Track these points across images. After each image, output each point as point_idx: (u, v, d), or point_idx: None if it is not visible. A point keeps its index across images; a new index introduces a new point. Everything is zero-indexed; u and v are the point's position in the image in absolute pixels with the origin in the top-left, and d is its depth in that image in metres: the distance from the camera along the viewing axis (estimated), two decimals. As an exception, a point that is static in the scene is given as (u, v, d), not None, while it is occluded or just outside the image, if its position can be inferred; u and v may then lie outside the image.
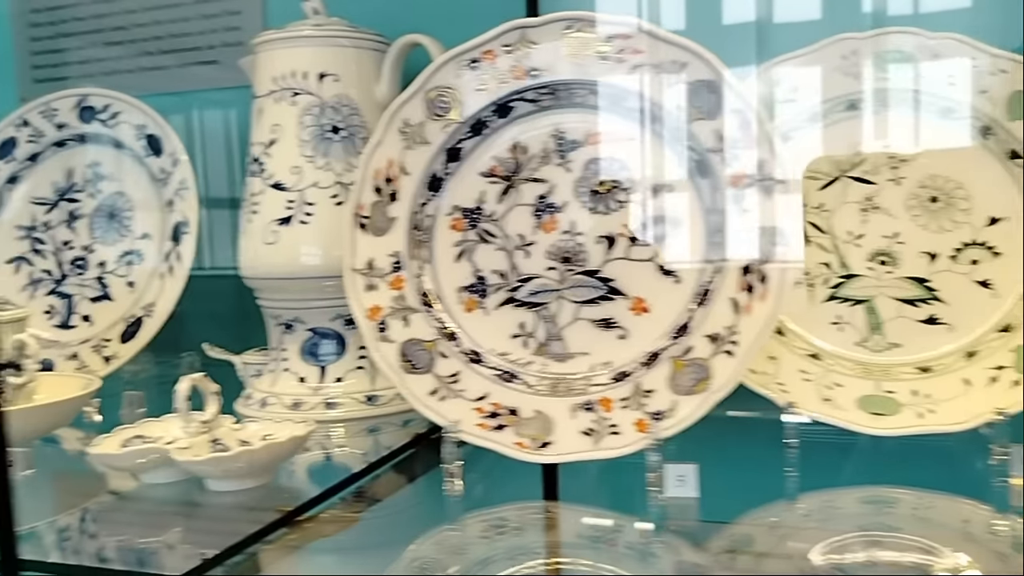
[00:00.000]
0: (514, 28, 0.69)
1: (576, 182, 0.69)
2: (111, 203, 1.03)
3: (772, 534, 0.63)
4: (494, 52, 0.69)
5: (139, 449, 0.64)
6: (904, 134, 0.75)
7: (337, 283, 0.85)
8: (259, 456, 0.62)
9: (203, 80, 1.15)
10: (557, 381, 0.66)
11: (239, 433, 0.68)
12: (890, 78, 0.76)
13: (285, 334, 0.88)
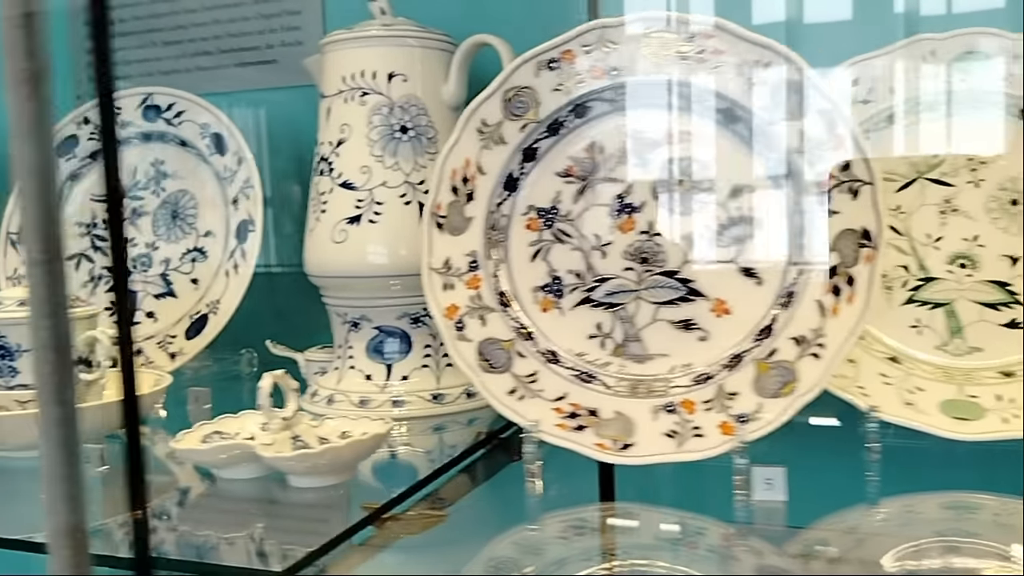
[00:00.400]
0: (594, 28, 0.68)
1: (654, 182, 0.69)
2: (174, 201, 1.04)
3: (848, 539, 0.62)
4: (573, 52, 0.69)
5: (223, 445, 0.64)
6: (983, 136, 0.75)
7: (404, 282, 0.85)
8: (344, 453, 0.62)
9: (261, 80, 1.15)
10: (637, 382, 0.66)
11: (317, 430, 0.69)
12: (969, 79, 0.75)
13: (351, 332, 0.89)
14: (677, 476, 0.63)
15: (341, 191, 0.86)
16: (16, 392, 0.75)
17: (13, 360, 0.74)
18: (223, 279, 0.97)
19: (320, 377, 0.93)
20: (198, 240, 1.02)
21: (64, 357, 0.37)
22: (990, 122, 0.74)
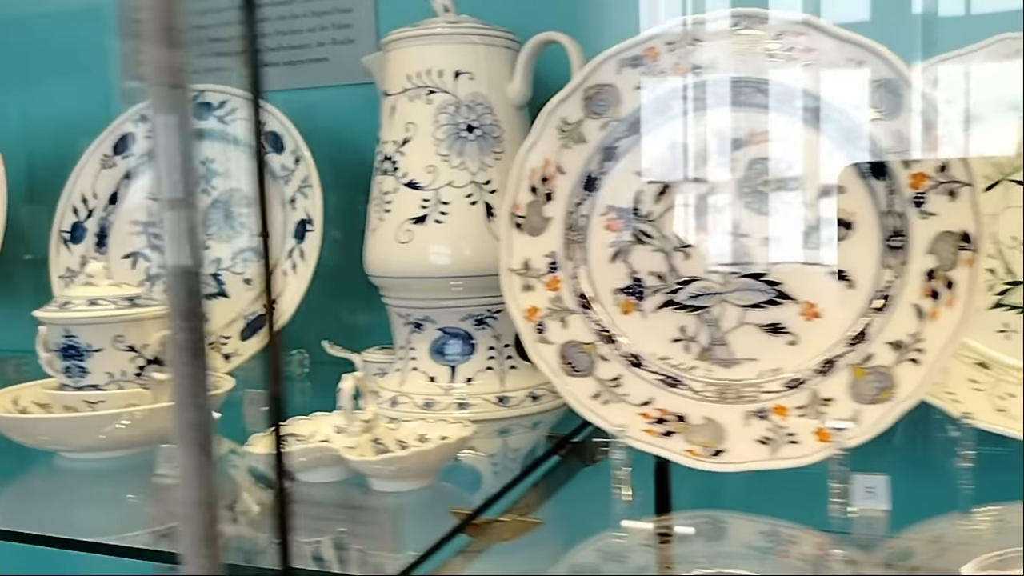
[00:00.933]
0: (679, 25, 0.67)
1: (739, 182, 0.68)
2: (226, 200, 1.03)
3: (932, 548, 0.61)
4: (657, 49, 0.68)
5: (305, 448, 0.63)
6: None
7: (468, 283, 0.84)
8: (431, 457, 0.61)
9: (311, 78, 1.14)
10: (725, 387, 0.65)
11: (395, 433, 0.68)
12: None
13: (414, 333, 0.88)
14: (778, 483, 0.62)
15: (406, 191, 0.85)
16: (85, 393, 0.74)
17: (83, 360, 0.73)
18: (280, 279, 0.96)
19: (380, 378, 0.92)
20: (250, 239, 1.01)
21: (200, 360, 0.36)
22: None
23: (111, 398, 0.74)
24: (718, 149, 0.68)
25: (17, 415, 0.75)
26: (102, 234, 1.05)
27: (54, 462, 0.77)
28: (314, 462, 0.64)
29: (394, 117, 0.87)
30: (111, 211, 1.05)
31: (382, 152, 0.88)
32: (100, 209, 1.05)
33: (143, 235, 1.05)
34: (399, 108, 0.86)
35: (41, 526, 0.66)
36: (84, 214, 1.05)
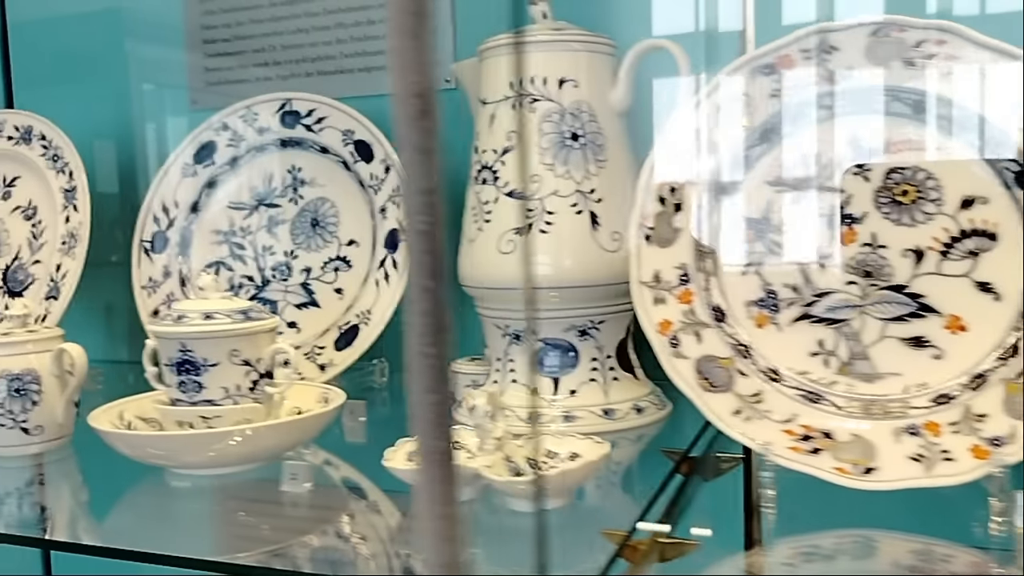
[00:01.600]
0: (814, 33, 0.66)
1: (875, 192, 0.66)
2: (313, 209, 1.02)
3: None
4: (791, 57, 0.66)
5: (444, 467, 0.62)
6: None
7: (572, 293, 0.83)
8: (575, 475, 0.60)
9: (385, 85, 1.13)
10: (869, 403, 0.63)
11: (524, 451, 0.66)
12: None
13: (513, 344, 0.86)
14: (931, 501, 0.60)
15: (507, 200, 0.84)
16: (201, 408, 0.73)
17: (199, 375, 0.72)
18: (373, 289, 0.95)
19: (474, 390, 0.91)
20: (340, 249, 1.00)
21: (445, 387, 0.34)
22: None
23: (227, 413, 0.73)
24: (853, 158, 0.67)
25: (139, 432, 0.74)
26: (184, 243, 1.04)
27: (164, 478, 0.76)
28: (450, 480, 0.63)
29: (494, 125, 0.85)
30: (192, 220, 1.04)
31: (480, 161, 0.87)
32: (182, 218, 1.04)
33: (225, 244, 1.04)
34: (499, 116, 0.85)
35: (153, 543, 0.65)
36: (165, 223, 1.04)
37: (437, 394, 0.34)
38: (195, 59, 1.23)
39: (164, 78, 1.26)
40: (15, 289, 1.01)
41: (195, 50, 1.23)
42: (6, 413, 0.79)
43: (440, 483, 0.35)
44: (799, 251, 0.67)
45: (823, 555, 0.62)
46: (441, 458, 0.35)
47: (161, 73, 1.27)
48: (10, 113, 1.06)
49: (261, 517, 0.72)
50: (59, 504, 0.78)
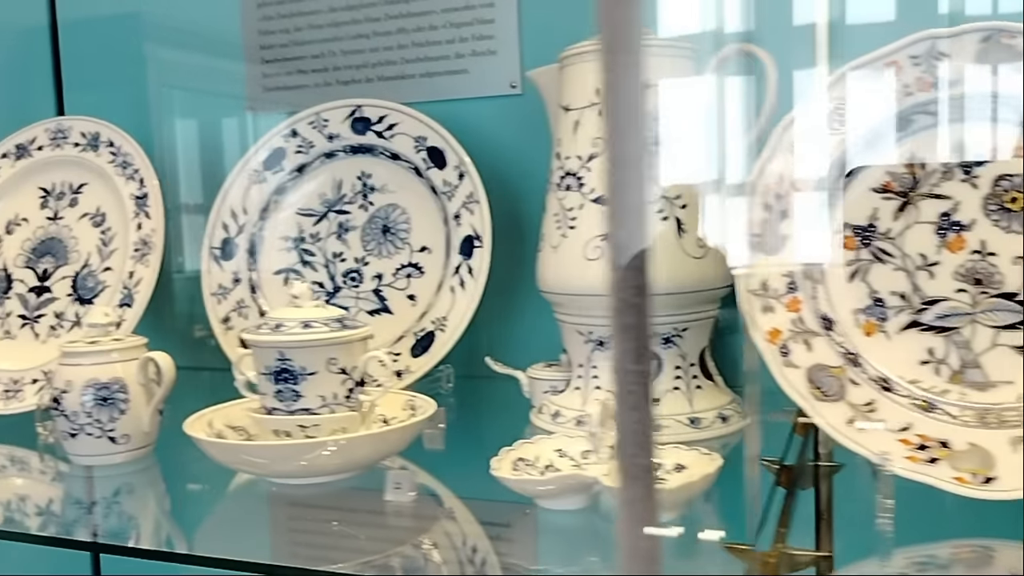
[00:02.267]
0: (924, 39, 0.65)
1: (984, 199, 0.66)
2: (384, 215, 1.02)
3: None
4: (899, 63, 0.66)
5: (559, 476, 0.62)
6: None
7: (658, 300, 0.82)
8: (697, 486, 0.59)
9: (447, 90, 1.13)
10: (984, 411, 0.63)
11: (632, 460, 0.66)
12: None
13: (596, 351, 0.86)
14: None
15: (594, 207, 0.83)
16: (298, 417, 0.72)
17: (296, 384, 0.72)
18: (448, 296, 0.95)
19: (554, 396, 0.91)
20: (412, 255, 1.00)
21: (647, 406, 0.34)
22: None
23: (325, 422, 0.73)
24: (960, 164, 0.66)
25: (241, 442, 0.74)
26: (252, 250, 1.04)
27: (259, 487, 0.76)
28: (562, 489, 0.62)
29: (578, 132, 0.85)
30: (261, 227, 1.04)
31: (563, 167, 0.86)
32: (251, 225, 1.04)
33: (294, 251, 1.04)
34: (584, 123, 0.85)
35: (248, 552, 0.65)
36: (235, 230, 1.04)
37: (640, 412, 0.34)
38: (252, 65, 1.23)
39: (220, 84, 1.26)
40: (85, 296, 1.01)
41: (252, 56, 1.23)
42: (93, 422, 0.79)
43: (643, 501, 0.34)
44: (906, 258, 0.67)
45: (938, 564, 0.62)
46: (644, 476, 0.35)
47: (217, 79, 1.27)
48: (76, 120, 1.06)
49: (359, 527, 0.72)
50: (146, 512, 0.78)
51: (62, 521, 0.76)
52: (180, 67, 1.28)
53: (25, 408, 0.95)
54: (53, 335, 1.01)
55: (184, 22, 1.26)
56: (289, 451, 0.71)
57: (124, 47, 1.29)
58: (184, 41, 1.26)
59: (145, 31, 1.28)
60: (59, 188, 1.06)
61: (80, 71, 1.31)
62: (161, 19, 1.27)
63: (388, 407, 0.80)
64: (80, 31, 1.31)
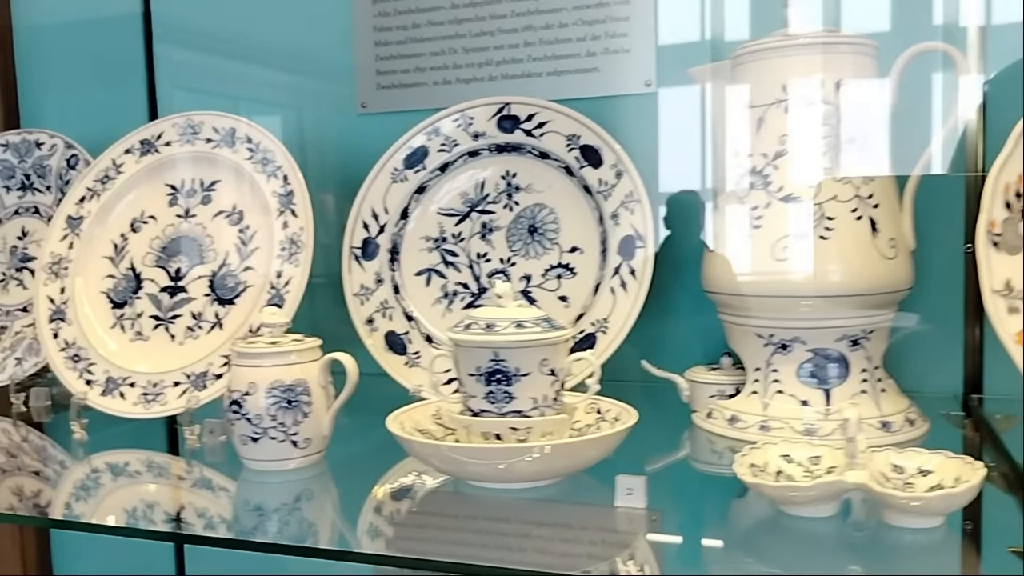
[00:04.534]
0: None
1: None
2: (530, 215, 0.99)
3: None
4: None
5: (822, 482, 0.60)
6: None
7: (851, 301, 0.81)
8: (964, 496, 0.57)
9: (576, 89, 1.11)
10: None
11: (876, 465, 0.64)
12: None
13: (777, 354, 0.84)
14: None
15: (782, 205, 0.81)
16: (510, 419, 0.70)
17: (510, 385, 0.69)
18: (607, 297, 0.93)
19: (722, 400, 0.89)
20: (562, 256, 0.97)
21: None
22: None
23: (537, 425, 0.70)
24: None
25: (463, 445, 0.71)
26: (394, 250, 1.01)
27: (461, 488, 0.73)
28: (823, 495, 0.60)
29: (762, 129, 0.83)
30: (402, 226, 1.01)
31: (743, 165, 0.84)
32: (392, 224, 1.01)
33: (436, 251, 1.01)
34: (770, 120, 0.83)
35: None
36: (375, 230, 1.01)
37: None
38: (365, 61, 1.20)
39: (331, 81, 1.23)
40: (225, 297, 0.97)
41: (366, 52, 1.20)
42: (277, 425, 0.76)
43: None
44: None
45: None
46: None
47: (328, 75, 1.23)
48: (208, 115, 1.03)
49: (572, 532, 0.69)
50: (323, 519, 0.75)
51: (239, 528, 0.73)
52: (291, 61, 1.25)
53: (168, 412, 0.92)
54: (191, 336, 0.97)
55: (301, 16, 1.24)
56: (503, 455, 0.68)
57: (221, 47, 1.27)
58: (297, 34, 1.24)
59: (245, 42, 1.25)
60: (189, 185, 1.03)
61: (173, 72, 1.28)
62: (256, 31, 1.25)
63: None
64: (174, 28, 1.28)
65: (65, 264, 1.03)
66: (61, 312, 1.01)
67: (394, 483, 0.78)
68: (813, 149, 0.81)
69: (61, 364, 0.99)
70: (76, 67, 1.36)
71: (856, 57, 0.83)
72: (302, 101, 1.25)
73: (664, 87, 1.07)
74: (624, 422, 0.73)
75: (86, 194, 1.05)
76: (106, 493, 0.81)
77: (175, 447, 0.92)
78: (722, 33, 1.05)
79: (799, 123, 0.81)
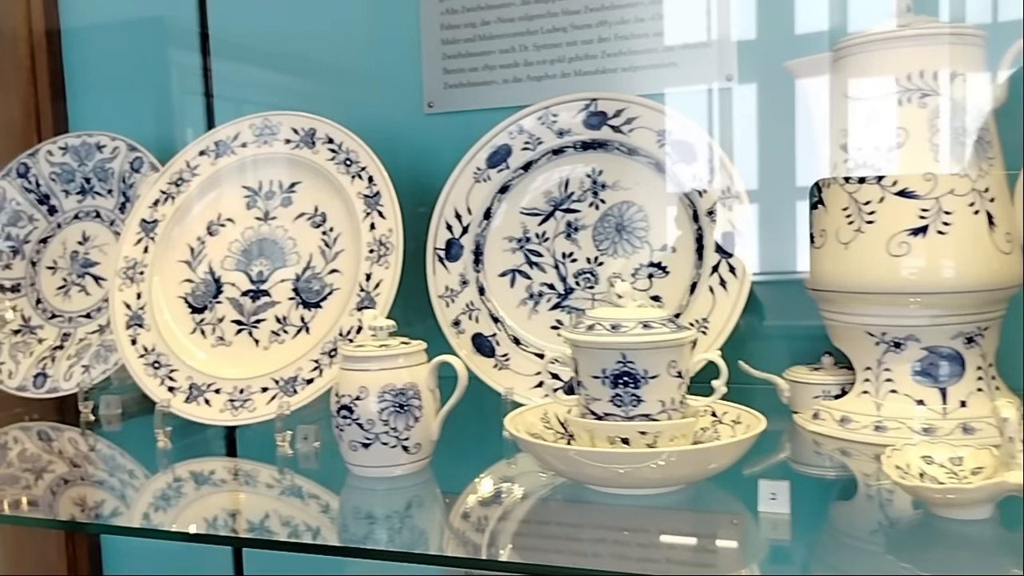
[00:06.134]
0: None
1: None
2: (618, 213, 0.97)
3: None
4: None
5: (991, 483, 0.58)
6: None
7: (968, 298, 0.78)
8: None
9: (653, 84, 1.09)
10: None
11: None
12: None
13: (889, 352, 0.82)
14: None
15: (897, 200, 0.79)
16: (638, 423, 0.68)
17: (637, 388, 0.67)
18: (706, 296, 0.91)
19: (827, 401, 0.87)
20: (653, 254, 0.95)
21: None
22: None
23: (666, 429, 0.68)
24: None
25: (603, 450, 0.69)
26: (478, 251, 0.99)
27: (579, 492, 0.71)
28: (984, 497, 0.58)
29: (873, 122, 0.81)
30: (485, 227, 0.99)
31: (853, 159, 0.83)
32: (475, 225, 0.99)
33: (520, 252, 0.99)
34: (881, 112, 0.81)
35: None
36: (459, 231, 0.99)
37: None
38: (432, 61, 1.18)
39: (397, 81, 1.21)
40: (310, 300, 0.95)
41: (433, 51, 1.18)
42: (389, 431, 0.74)
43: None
44: None
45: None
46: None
47: (394, 75, 1.21)
48: (286, 115, 1.01)
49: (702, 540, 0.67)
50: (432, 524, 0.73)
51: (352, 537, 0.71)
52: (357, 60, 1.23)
53: (256, 419, 0.90)
54: (276, 341, 0.95)
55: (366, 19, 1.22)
56: (633, 459, 0.66)
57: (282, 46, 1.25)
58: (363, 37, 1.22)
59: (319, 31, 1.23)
60: (267, 187, 1.01)
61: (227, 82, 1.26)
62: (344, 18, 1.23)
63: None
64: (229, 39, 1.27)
65: (140, 268, 1.01)
66: (139, 318, 0.99)
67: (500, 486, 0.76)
68: (929, 142, 0.79)
69: (141, 371, 0.97)
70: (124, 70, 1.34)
71: (966, 48, 0.81)
72: (368, 102, 1.23)
73: (745, 82, 1.05)
74: (750, 426, 0.71)
75: (160, 197, 1.04)
76: (189, 502, 0.80)
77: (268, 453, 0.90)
78: (805, 25, 1.04)
79: (913, 116, 0.79)
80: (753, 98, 1.06)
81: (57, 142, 1.22)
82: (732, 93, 1.05)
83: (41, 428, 1.07)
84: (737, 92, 1.05)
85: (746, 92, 1.06)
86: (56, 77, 1.37)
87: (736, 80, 1.05)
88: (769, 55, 1.01)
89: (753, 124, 1.05)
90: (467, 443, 0.88)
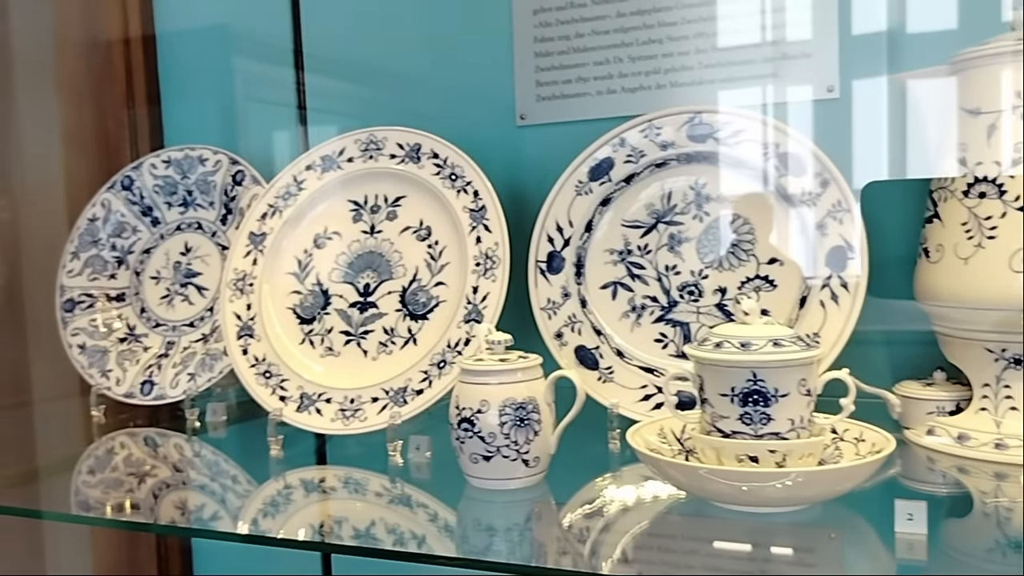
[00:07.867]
0: None
1: None
2: (722, 226, 0.97)
3: None
4: None
5: None
6: None
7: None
8: None
9: (751, 96, 1.08)
10: None
11: None
12: None
13: (1010, 369, 0.81)
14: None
15: (1019, 215, 0.78)
16: (767, 442, 0.68)
17: (768, 406, 0.68)
18: (817, 310, 0.90)
19: (942, 417, 0.86)
20: (760, 268, 0.95)
21: None
22: None
23: (796, 447, 0.68)
24: None
25: (741, 469, 0.69)
26: (579, 263, 1.00)
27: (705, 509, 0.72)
28: None
29: (994, 137, 0.80)
30: (587, 239, 1.00)
31: (974, 172, 0.81)
32: (576, 237, 1.00)
33: (621, 264, 1.00)
34: (1003, 127, 0.80)
35: None
36: (560, 243, 1.00)
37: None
38: (524, 72, 1.19)
39: (489, 93, 1.22)
40: (417, 312, 0.97)
41: (525, 63, 1.19)
42: (510, 444, 0.76)
43: None
44: None
45: None
46: None
47: (485, 88, 1.22)
48: (391, 130, 1.03)
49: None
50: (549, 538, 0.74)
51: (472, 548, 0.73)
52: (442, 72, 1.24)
53: (368, 428, 0.92)
54: (384, 352, 0.97)
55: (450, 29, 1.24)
56: (762, 478, 0.66)
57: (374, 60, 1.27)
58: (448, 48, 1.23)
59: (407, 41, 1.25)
60: (372, 201, 1.03)
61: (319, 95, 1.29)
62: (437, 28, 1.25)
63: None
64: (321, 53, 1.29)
65: (250, 280, 1.04)
66: (249, 328, 1.02)
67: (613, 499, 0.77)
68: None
69: (253, 380, 0.99)
70: (218, 80, 1.38)
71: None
72: (459, 114, 1.24)
73: (847, 93, 1.04)
74: (875, 443, 0.70)
75: (268, 211, 1.06)
76: (298, 508, 0.83)
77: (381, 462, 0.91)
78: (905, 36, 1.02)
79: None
80: (856, 109, 1.06)
81: (160, 155, 1.26)
82: (835, 104, 1.04)
83: (148, 434, 1.11)
84: (839, 103, 1.05)
85: (846, 103, 1.06)
86: (152, 83, 1.40)
87: (837, 91, 1.04)
88: (870, 65, 1.01)
89: (855, 136, 1.05)
90: (575, 456, 0.89)
